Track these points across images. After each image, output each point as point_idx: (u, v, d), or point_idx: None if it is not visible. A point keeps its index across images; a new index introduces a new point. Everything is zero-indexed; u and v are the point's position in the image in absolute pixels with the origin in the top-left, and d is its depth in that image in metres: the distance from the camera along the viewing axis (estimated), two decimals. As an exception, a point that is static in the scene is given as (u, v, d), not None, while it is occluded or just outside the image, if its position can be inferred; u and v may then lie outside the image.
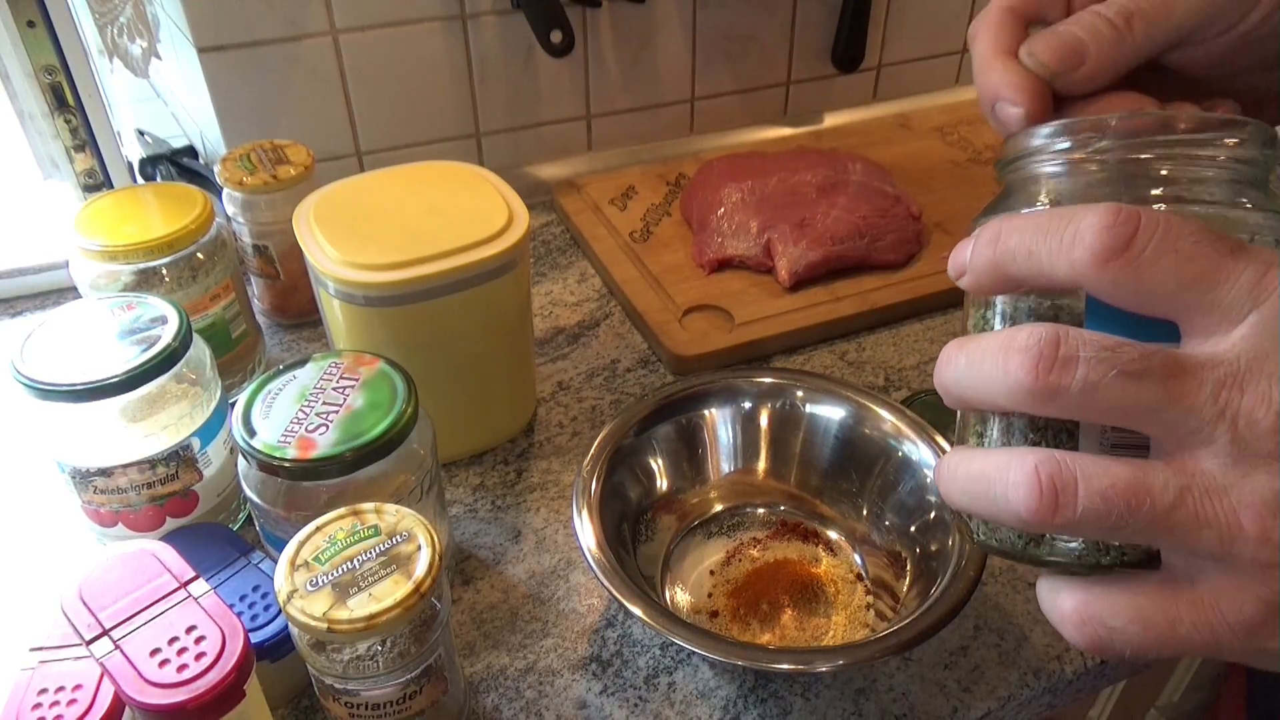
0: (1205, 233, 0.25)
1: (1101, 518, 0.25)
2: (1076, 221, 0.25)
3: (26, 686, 0.38)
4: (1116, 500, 0.24)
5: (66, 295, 0.77)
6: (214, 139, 0.80)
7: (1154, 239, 0.25)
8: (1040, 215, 0.27)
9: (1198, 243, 0.24)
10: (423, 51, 0.81)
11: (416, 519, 0.42)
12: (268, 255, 0.71)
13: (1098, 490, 0.25)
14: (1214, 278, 0.24)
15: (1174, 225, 0.25)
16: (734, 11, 0.92)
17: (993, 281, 0.28)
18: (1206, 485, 0.24)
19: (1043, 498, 0.25)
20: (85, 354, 0.51)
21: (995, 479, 0.26)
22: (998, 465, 0.26)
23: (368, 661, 0.40)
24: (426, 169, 0.63)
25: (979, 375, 0.27)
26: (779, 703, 0.49)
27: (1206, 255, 0.24)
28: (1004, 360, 0.26)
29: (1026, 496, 0.25)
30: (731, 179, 0.81)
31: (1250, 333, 0.24)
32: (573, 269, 0.82)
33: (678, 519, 0.57)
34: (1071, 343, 0.25)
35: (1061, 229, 0.26)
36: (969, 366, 0.27)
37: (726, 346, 0.70)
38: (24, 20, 0.73)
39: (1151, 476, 0.25)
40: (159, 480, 0.53)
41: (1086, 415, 0.26)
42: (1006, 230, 0.27)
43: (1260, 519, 0.24)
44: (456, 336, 0.58)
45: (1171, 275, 0.25)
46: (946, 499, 0.29)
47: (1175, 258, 0.24)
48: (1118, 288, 0.25)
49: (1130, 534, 0.25)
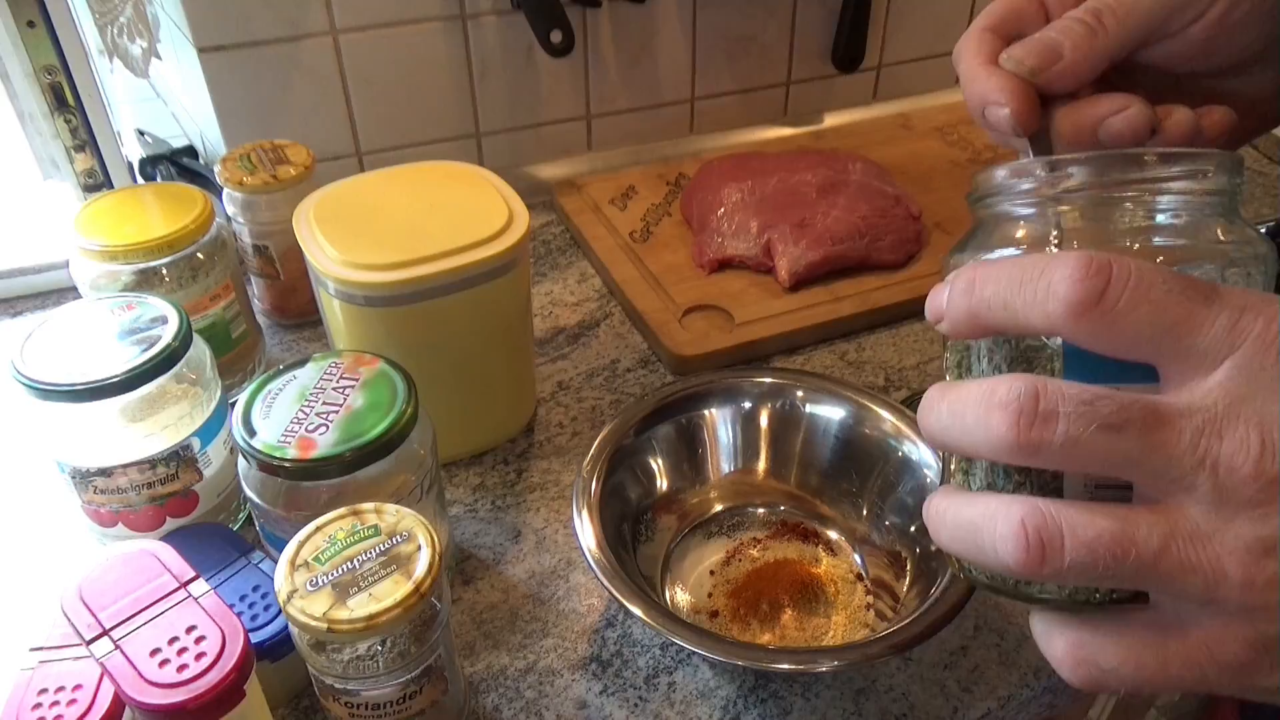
0: (1177, 280, 0.25)
1: (1088, 568, 0.25)
2: (1049, 273, 0.26)
3: (26, 686, 0.38)
4: (1102, 552, 0.25)
5: (66, 295, 0.77)
6: (214, 139, 0.80)
7: (1127, 290, 0.25)
8: (1013, 265, 0.27)
9: (1170, 291, 0.25)
10: (423, 51, 0.81)
11: (416, 519, 0.42)
12: (268, 255, 0.71)
13: (1084, 542, 0.25)
14: (1188, 325, 0.25)
15: (1146, 274, 0.25)
16: (734, 11, 0.92)
17: (970, 330, 0.29)
18: (1190, 532, 0.25)
19: (1030, 551, 0.25)
20: (85, 354, 0.51)
21: (984, 528, 0.27)
22: (985, 514, 0.27)
23: (368, 661, 0.40)
24: (426, 169, 0.63)
25: (962, 427, 0.27)
26: (779, 703, 0.49)
27: (1180, 304, 0.25)
28: (985, 415, 0.26)
29: (1014, 549, 0.26)
30: (731, 179, 0.81)
31: (1226, 379, 0.24)
32: (573, 269, 0.82)
33: (678, 519, 0.57)
34: (1051, 397, 0.25)
35: (1035, 280, 0.26)
36: (951, 417, 0.27)
37: (726, 346, 0.70)
38: (24, 20, 0.73)
39: (1136, 525, 0.25)
40: (159, 480, 0.53)
41: (1069, 467, 0.27)
42: (980, 280, 0.27)
43: (1244, 565, 0.24)
44: (456, 336, 0.58)
45: (1146, 325, 0.25)
46: (936, 541, 0.30)
47: (1149, 308, 0.25)
48: (1093, 338, 0.26)
49: (1117, 581, 0.26)
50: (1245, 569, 0.24)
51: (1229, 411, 0.24)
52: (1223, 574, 0.24)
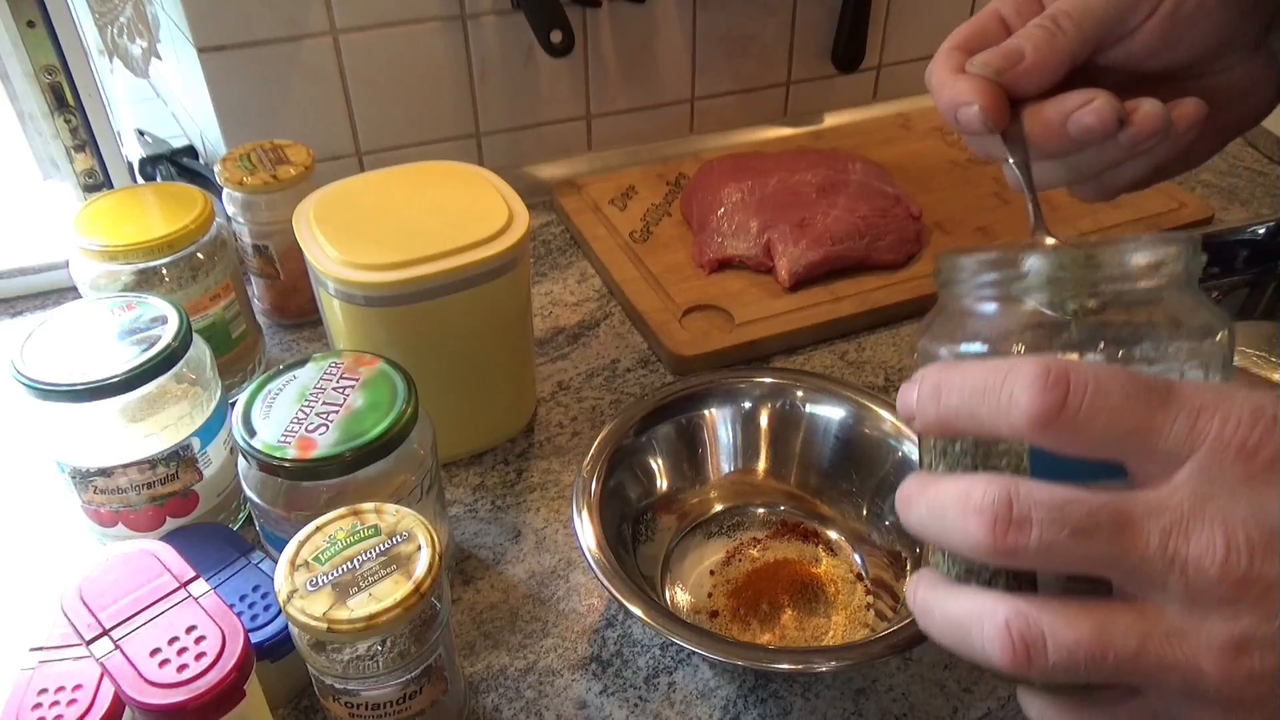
0: (1134, 384, 0.26)
1: (1071, 669, 0.26)
2: (1010, 383, 0.26)
3: (26, 686, 0.38)
4: (1083, 654, 0.26)
5: (66, 295, 0.77)
6: (214, 139, 0.80)
7: (1085, 399, 0.26)
8: (975, 373, 0.28)
9: (1127, 397, 0.25)
10: (423, 51, 0.81)
11: (416, 519, 0.42)
12: (268, 255, 0.71)
13: (1065, 645, 0.26)
14: (1148, 430, 0.25)
15: (1103, 382, 0.26)
16: (734, 11, 0.92)
17: (942, 433, 0.30)
18: (1166, 630, 0.25)
19: (1015, 655, 0.26)
20: (85, 354, 0.51)
21: (972, 630, 0.28)
22: (972, 614, 0.28)
23: (368, 661, 0.40)
24: (426, 169, 0.63)
25: (941, 527, 0.28)
26: (779, 703, 0.49)
27: (1137, 409, 0.25)
28: (962, 519, 0.27)
29: (1001, 652, 0.26)
30: (731, 179, 0.81)
31: (1189, 479, 0.25)
32: (573, 269, 0.82)
33: (678, 519, 0.57)
34: (1024, 502, 0.26)
35: (996, 390, 0.27)
36: (931, 515, 0.28)
37: (726, 346, 0.70)
38: (24, 20, 0.73)
39: (1115, 625, 0.26)
40: (159, 480, 0.53)
41: (1046, 569, 0.27)
42: (946, 389, 0.28)
43: (1220, 662, 0.25)
44: (456, 336, 0.58)
45: (1107, 432, 0.26)
46: (926, 633, 0.30)
47: (1108, 416, 0.25)
48: (1058, 445, 0.27)
49: (1101, 678, 0.26)
50: (1222, 667, 0.25)
51: (1194, 512, 0.25)
52: (1200, 671, 0.25)
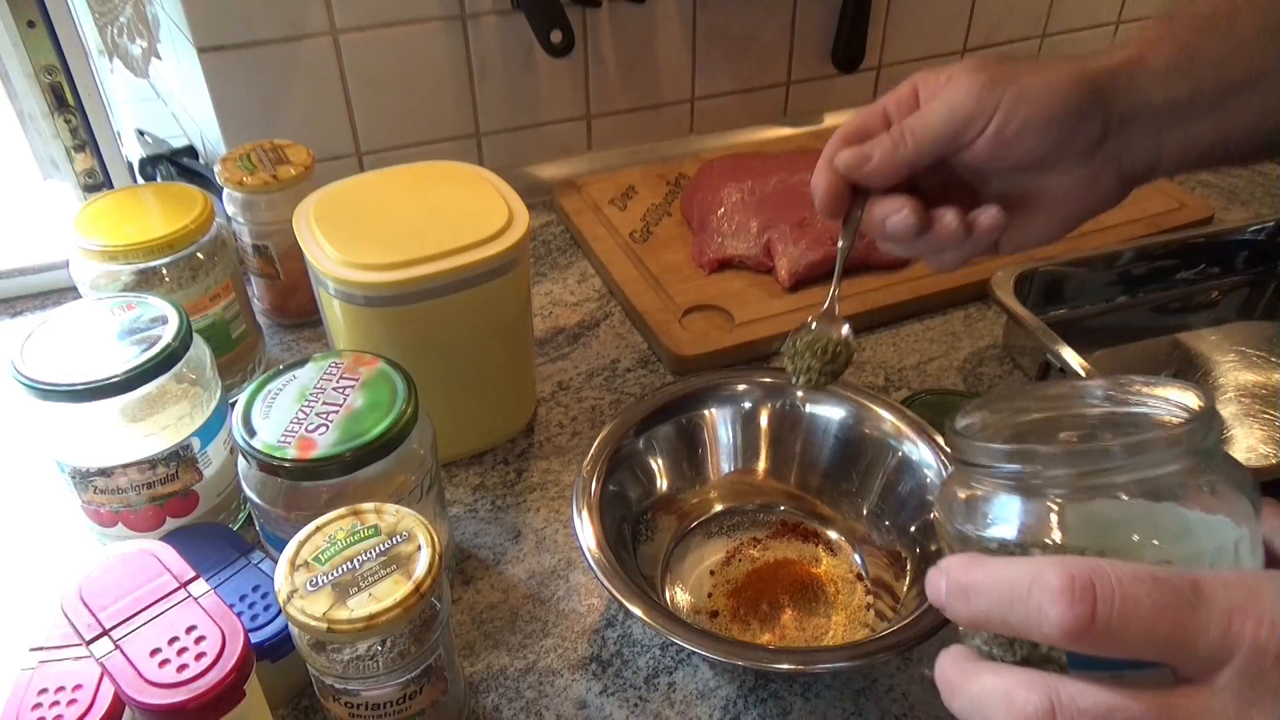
0: (1161, 588, 0.26)
1: None
2: (1036, 594, 0.27)
3: (26, 686, 0.38)
4: None
5: (66, 295, 0.77)
6: (214, 139, 0.80)
7: (1114, 610, 0.26)
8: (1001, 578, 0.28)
9: (1157, 604, 0.25)
10: (423, 51, 0.81)
11: (416, 519, 0.42)
12: (268, 255, 0.71)
13: None
14: (1181, 637, 0.25)
15: (1129, 590, 0.26)
16: (734, 11, 0.92)
17: (974, 629, 0.30)
18: None
19: None
20: (85, 354, 0.51)
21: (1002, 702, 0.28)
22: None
23: (368, 661, 0.40)
24: (426, 169, 0.63)
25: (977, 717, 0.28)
26: (779, 703, 0.49)
27: (1169, 616, 0.25)
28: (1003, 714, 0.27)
29: None
30: (731, 179, 0.81)
31: (1231, 683, 0.25)
32: (573, 269, 0.82)
33: (678, 519, 0.57)
34: (1067, 711, 0.26)
35: (1024, 600, 0.27)
36: (975, 710, 0.29)
37: (726, 346, 0.70)
38: (24, 20, 0.73)
39: None
40: (159, 480, 0.53)
41: None
42: (973, 592, 0.29)
43: None
44: (456, 336, 0.58)
45: (1139, 640, 0.26)
46: None
47: (1140, 624, 0.25)
48: (1092, 652, 0.27)
49: None
50: None
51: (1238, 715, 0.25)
52: None
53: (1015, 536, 0.31)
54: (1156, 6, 1.14)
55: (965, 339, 0.74)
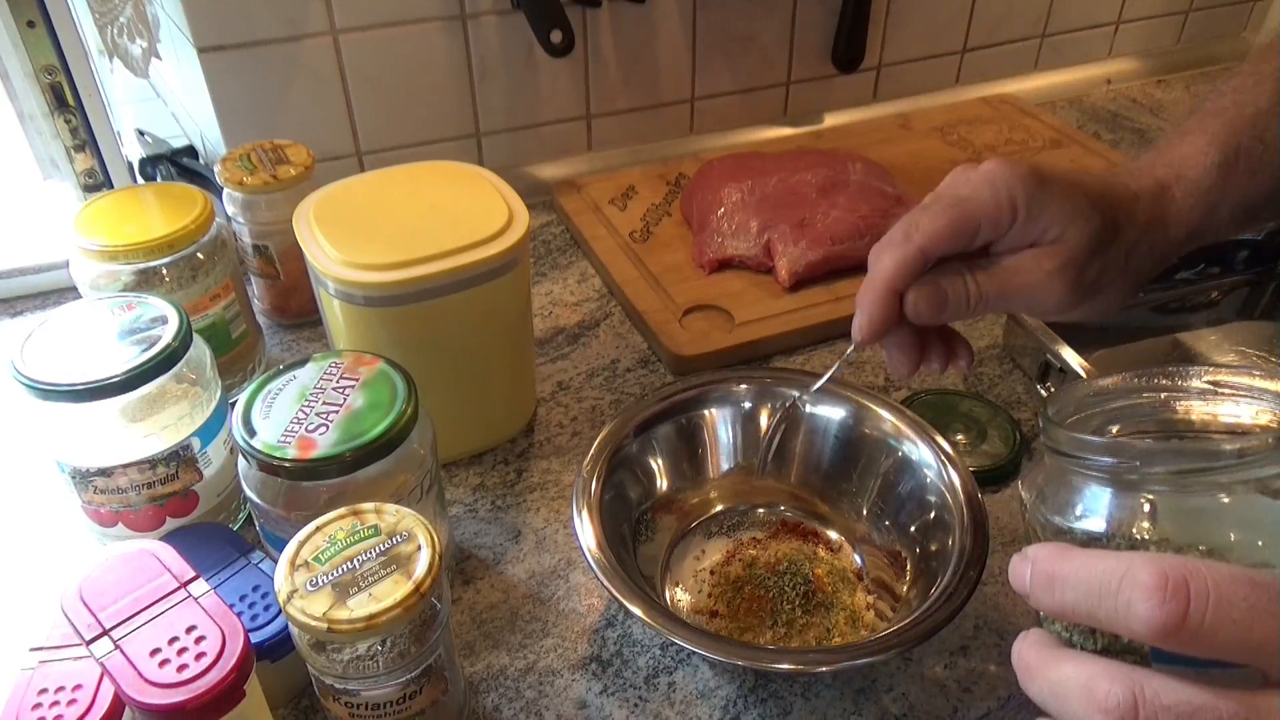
0: (1257, 592, 0.25)
1: None
2: (1127, 590, 0.26)
3: (26, 686, 0.38)
4: None
5: (66, 295, 0.77)
6: (214, 139, 0.80)
7: (1208, 612, 0.25)
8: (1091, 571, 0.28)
9: (1251, 609, 0.25)
10: (423, 51, 0.81)
11: (416, 519, 0.42)
12: (268, 255, 0.71)
13: None
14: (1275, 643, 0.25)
15: (1224, 592, 0.25)
16: (734, 11, 0.92)
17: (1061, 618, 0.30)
18: None
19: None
20: (85, 354, 0.51)
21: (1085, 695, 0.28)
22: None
23: (368, 661, 0.40)
24: (426, 169, 0.63)
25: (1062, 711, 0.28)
26: (779, 703, 0.49)
27: (1264, 621, 0.25)
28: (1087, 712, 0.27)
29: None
30: (731, 179, 0.81)
31: None
32: (573, 269, 0.82)
33: (678, 519, 0.57)
34: (1150, 706, 0.26)
35: (1114, 594, 0.27)
36: (1053, 697, 0.29)
37: (726, 346, 0.70)
38: (24, 20, 0.73)
39: None
40: (159, 480, 0.53)
41: None
42: (1060, 583, 0.28)
43: None
44: (456, 336, 0.58)
45: (1232, 644, 0.25)
46: None
47: (1233, 628, 0.25)
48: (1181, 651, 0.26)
49: None
50: None
51: None
52: None
53: (1105, 529, 0.31)
54: (1155, 7, 1.14)
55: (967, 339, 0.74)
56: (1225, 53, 1.21)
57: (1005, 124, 1.01)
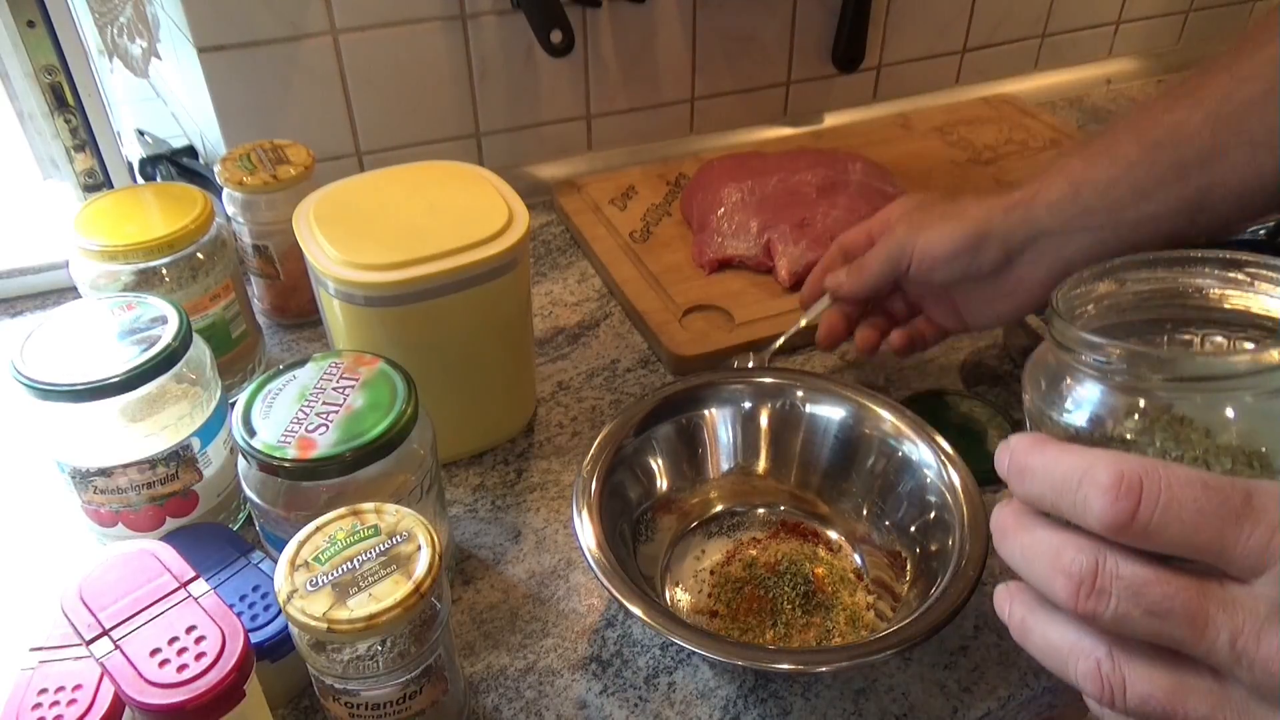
0: (1210, 495, 0.27)
1: (1145, 716, 0.28)
2: (1085, 485, 0.28)
3: (26, 686, 0.38)
4: (1156, 706, 0.28)
5: (66, 295, 0.77)
6: (214, 139, 0.80)
7: (1157, 510, 0.27)
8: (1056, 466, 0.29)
9: (1201, 511, 0.26)
10: (423, 51, 0.81)
11: (416, 519, 0.42)
12: (268, 255, 0.71)
13: (1140, 695, 0.28)
14: (1220, 544, 0.26)
15: (1176, 493, 0.27)
16: (734, 11, 0.92)
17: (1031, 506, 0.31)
18: (1238, 708, 0.27)
19: (1102, 693, 0.29)
20: (85, 354, 0.51)
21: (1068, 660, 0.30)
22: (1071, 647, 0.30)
23: (368, 661, 0.40)
24: (426, 169, 0.63)
25: (1029, 571, 0.30)
26: (779, 703, 0.49)
27: (1211, 524, 0.26)
28: (1050, 574, 0.29)
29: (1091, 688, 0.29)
30: (731, 179, 0.81)
31: (1267, 588, 0.26)
32: (573, 269, 0.82)
33: (678, 519, 0.57)
34: (1107, 575, 0.28)
35: (1073, 491, 0.28)
36: (1023, 559, 0.31)
37: (726, 346, 0.70)
38: (24, 20, 0.73)
39: (1190, 689, 0.28)
40: (159, 480, 0.53)
41: (1120, 634, 0.29)
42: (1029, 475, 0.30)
43: None
44: (456, 336, 0.58)
45: (1178, 542, 0.27)
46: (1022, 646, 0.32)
47: (1180, 527, 0.27)
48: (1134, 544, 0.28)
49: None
50: None
51: (1269, 617, 0.26)
52: None
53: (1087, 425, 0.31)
54: (1155, 7, 1.14)
55: (965, 339, 0.74)
56: (1225, 53, 1.21)
57: (1005, 124, 1.01)
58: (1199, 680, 0.28)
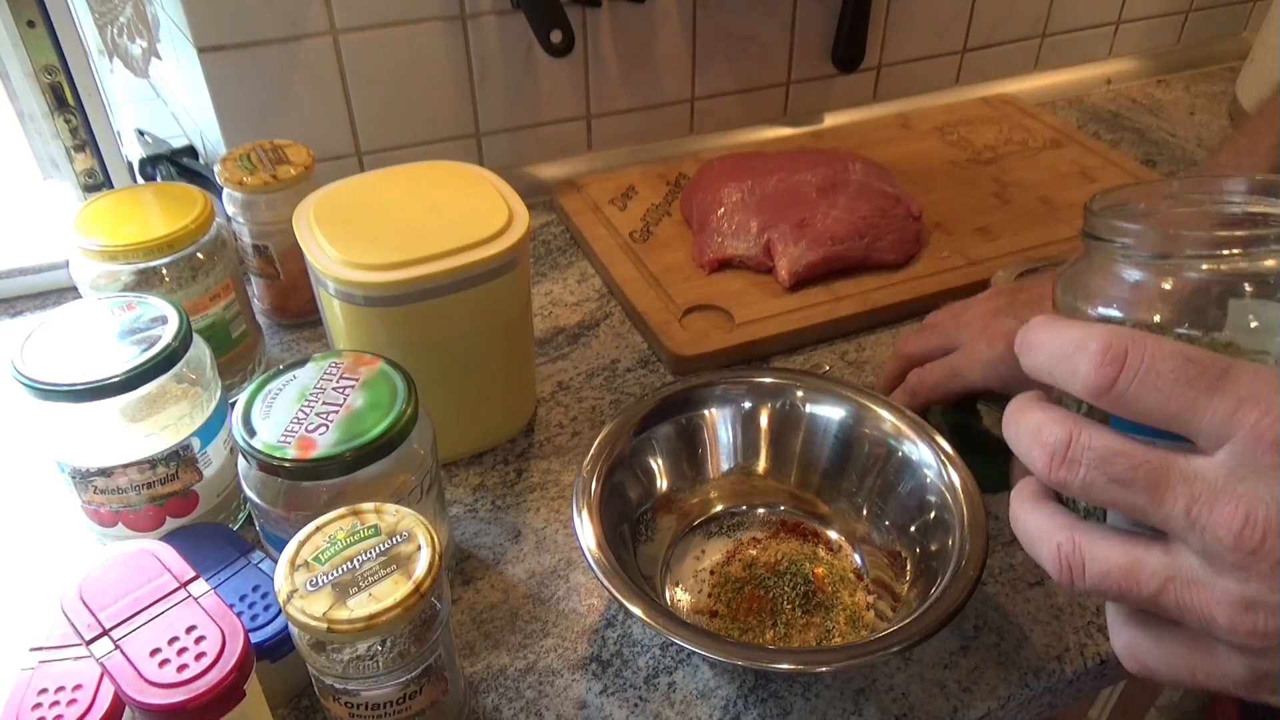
0: (1187, 367, 0.28)
1: (1104, 591, 0.30)
2: (1077, 354, 0.30)
3: (26, 686, 0.38)
4: (1112, 583, 0.30)
5: (66, 295, 0.77)
6: (214, 139, 0.80)
7: (1136, 378, 0.29)
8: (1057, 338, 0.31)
9: (1176, 381, 0.28)
10: (423, 51, 0.81)
11: (416, 519, 0.42)
12: (268, 255, 0.71)
13: (1097, 572, 0.30)
14: (1190, 414, 0.28)
15: (1155, 363, 0.28)
16: (734, 11, 0.92)
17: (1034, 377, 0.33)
18: (1188, 577, 0.29)
19: (1061, 572, 0.31)
20: (85, 354, 0.51)
21: (1036, 544, 0.32)
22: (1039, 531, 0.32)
23: (368, 661, 0.40)
24: (426, 169, 0.63)
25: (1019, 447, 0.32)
26: (779, 703, 0.49)
27: (1183, 393, 0.28)
28: (1030, 443, 0.31)
29: (1052, 568, 0.32)
30: (731, 179, 0.81)
31: (1226, 459, 0.28)
32: (573, 269, 0.82)
33: (678, 519, 0.57)
34: (1078, 446, 0.30)
35: (1068, 358, 0.30)
36: (1015, 436, 0.33)
37: (726, 346, 0.70)
38: (24, 20, 0.73)
39: (1144, 562, 0.30)
40: (159, 480, 0.53)
41: (1089, 503, 0.32)
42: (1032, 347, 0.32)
43: (1230, 615, 0.28)
44: (456, 336, 0.58)
45: (1153, 411, 0.29)
46: None
47: (1155, 396, 0.28)
48: (1113, 411, 0.30)
49: (1131, 604, 0.31)
50: (1230, 619, 0.28)
51: (1223, 488, 0.27)
52: (1212, 619, 0.28)
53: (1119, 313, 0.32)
54: (1155, 7, 1.14)
55: (965, 339, 0.74)
56: (1225, 53, 1.21)
57: (1005, 124, 1.01)
58: (1152, 555, 0.29)
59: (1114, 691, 0.81)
